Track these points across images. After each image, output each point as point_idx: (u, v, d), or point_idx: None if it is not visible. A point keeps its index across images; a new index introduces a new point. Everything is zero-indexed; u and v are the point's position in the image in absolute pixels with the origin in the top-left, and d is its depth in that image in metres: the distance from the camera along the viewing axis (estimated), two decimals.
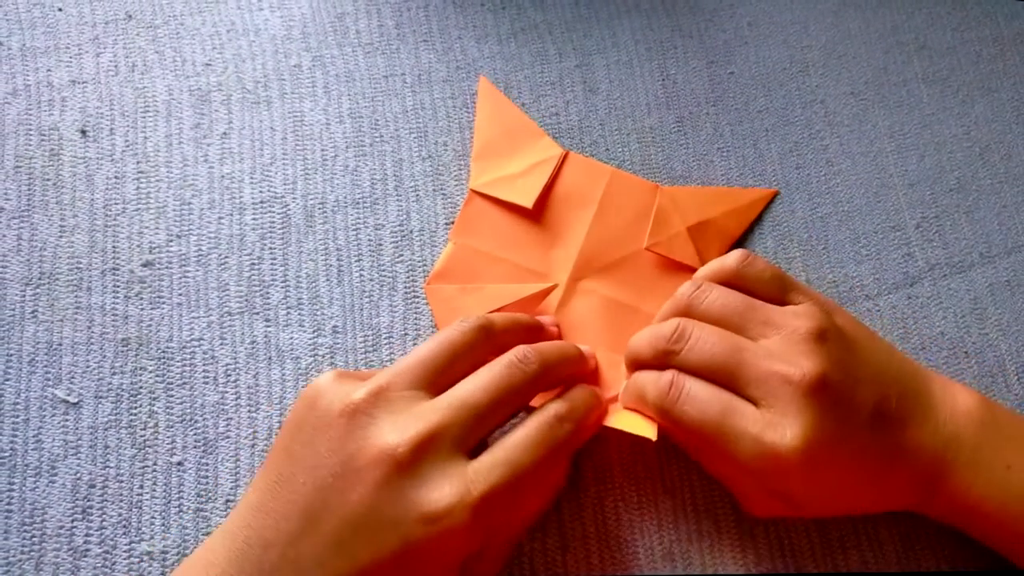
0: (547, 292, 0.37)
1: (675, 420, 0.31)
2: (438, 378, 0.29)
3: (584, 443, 0.33)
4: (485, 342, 0.31)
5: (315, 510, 0.27)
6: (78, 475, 0.33)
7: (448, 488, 0.26)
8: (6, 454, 0.33)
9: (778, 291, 0.34)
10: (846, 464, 0.30)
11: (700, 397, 0.31)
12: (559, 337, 0.36)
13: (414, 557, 0.26)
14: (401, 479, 0.26)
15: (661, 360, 0.32)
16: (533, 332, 0.34)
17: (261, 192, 0.38)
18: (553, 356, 0.31)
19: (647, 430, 0.32)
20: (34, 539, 0.32)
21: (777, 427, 0.29)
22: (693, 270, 0.37)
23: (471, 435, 0.28)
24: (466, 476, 0.27)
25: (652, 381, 0.32)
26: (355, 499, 0.26)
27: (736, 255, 0.34)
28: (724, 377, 0.31)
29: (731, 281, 0.34)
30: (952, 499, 0.31)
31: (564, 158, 0.40)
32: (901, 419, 0.31)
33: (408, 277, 0.38)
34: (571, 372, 0.33)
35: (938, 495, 0.31)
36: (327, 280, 0.37)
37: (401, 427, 0.27)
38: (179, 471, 0.34)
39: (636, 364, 0.34)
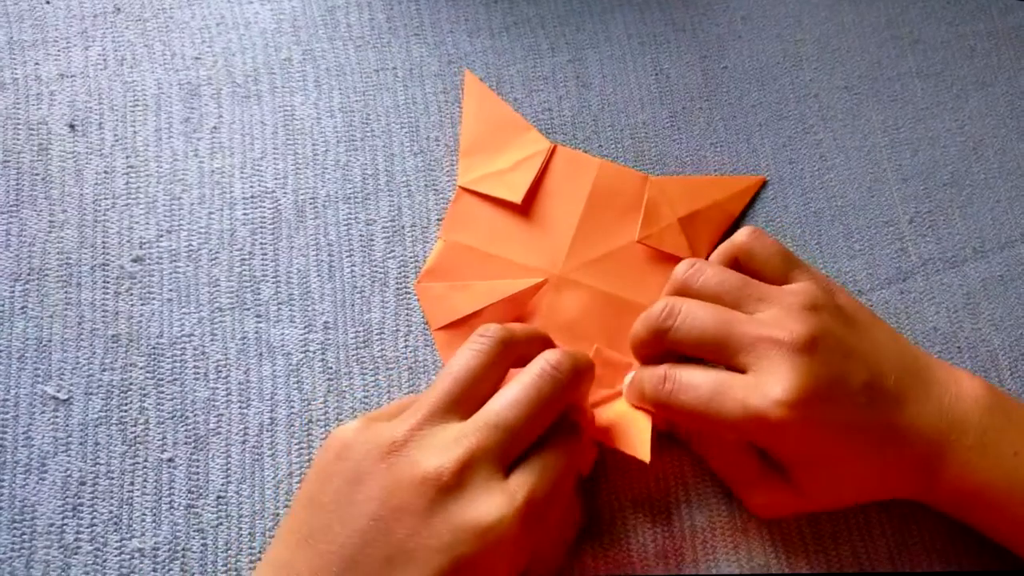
0: (538, 287, 0.37)
1: (673, 410, 0.32)
2: (467, 401, 0.29)
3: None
4: (507, 355, 0.30)
5: (355, 555, 0.26)
6: (68, 472, 0.33)
7: (493, 502, 0.26)
8: None
9: (782, 268, 0.34)
10: (836, 430, 0.30)
11: (692, 383, 0.31)
12: None
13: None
14: (446, 501, 0.26)
15: (655, 339, 0.33)
16: (548, 345, 0.33)
17: (252, 187, 0.38)
18: (583, 362, 0.31)
19: (641, 451, 0.32)
20: (24, 536, 0.32)
21: (763, 386, 0.29)
22: None
23: (508, 452, 0.28)
24: (508, 488, 0.27)
25: (647, 377, 0.32)
26: (401, 532, 0.26)
27: (745, 231, 0.35)
28: (714, 348, 0.31)
29: (739, 256, 0.35)
30: (956, 484, 0.31)
31: (552, 152, 0.40)
32: (899, 397, 0.31)
33: (400, 273, 0.38)
34: (588, 387, 0.33)
35: (941, 479, 0.31)
36: (318, 276, 0.37)
37: (440, 454, 0.27)
38: (170, 468, 0.34)
39: (636, 345, 0.34)
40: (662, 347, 0.33)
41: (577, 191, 0.39)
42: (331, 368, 0.36)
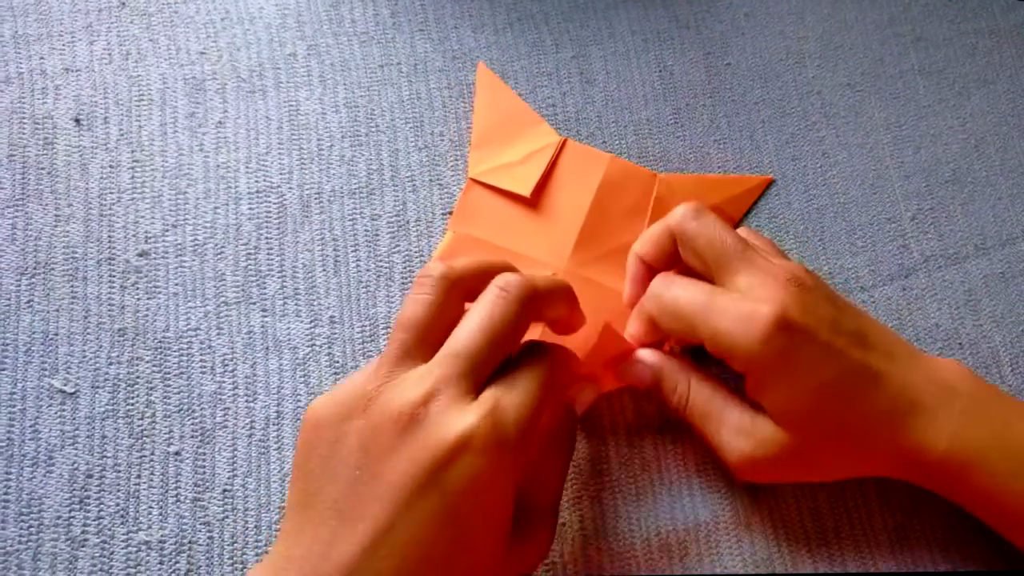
0: None
1: (666, 305, 0.32)
2: (425, 344, 0.29)
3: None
4: (453, 291, 0.30)
5: (349, 506, 0.26)
6: (75, 465, 0.33)
7: (461, 417, 0.26)
8: (3, 444, 0.33)
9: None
10: (823, 353, 0.30)
11: (690, 285, 0.32)
12: None
13: (456, 507, 0.26)
14: (417, 429, 0.26)
15: (669, 245, 0.34)
16: (502, 270, 0.33)
17: (257, 182, 0.38)
18: (540, 280, 0.31)
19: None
20: (32, 529, 0.32)
21: (757, 301, 0.31)
22: None
23: (473, 377, 0.28)
24: (476, 405, 0.27)
25: (649, 287, 0.34)
26: (385, 470, 0.26)
27: (740, 231, 0.36)
28: (720, 261, 0.32)
29: None
30: (949, 451, 0.30)
31: (562, 145, 0.40)
32: (887, 353, 0.32)
33: (405, 267, 0.38)
34: (564, 307, 0.32)
35: (933, 445, 0.30)
36: (324, 270, 0.37)
37: (409, 392, 0.27)
38: (176, 461, 0.34)
39: (648, 243, 0.35)
40: (672, 248, 0.34)
41: (586, 185, 0.39)
42: (337, 362, 0.36)
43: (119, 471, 0.33)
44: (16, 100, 0.38)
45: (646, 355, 0.35)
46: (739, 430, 0.32)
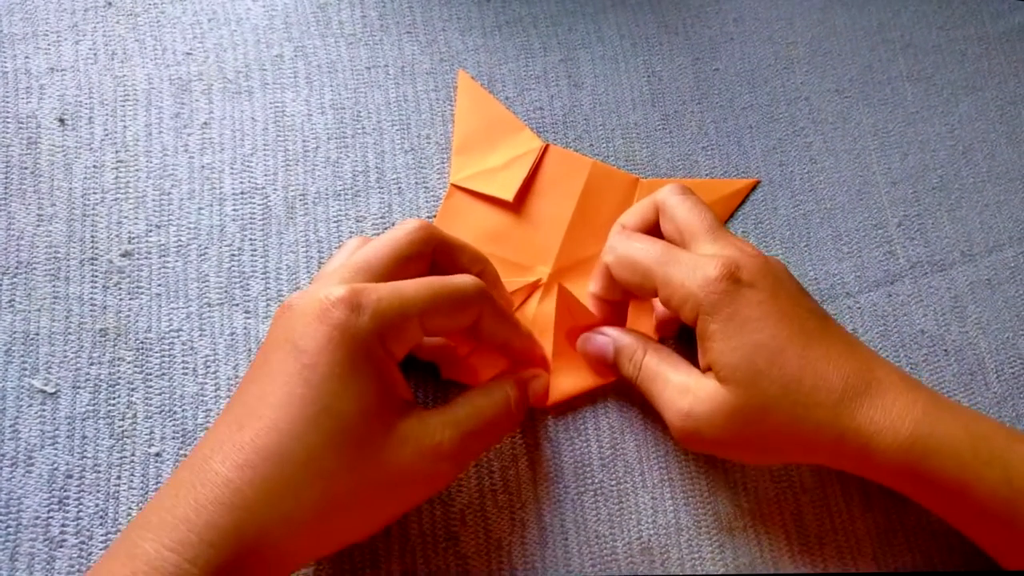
0: (534, 286, 0.37)
1: (623, 257, 0.33)
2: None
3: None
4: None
5: (245, 396, 0.28)
6: (55, 465, 0.33)
7: (323, 292, 0.28)
8: None
9: None
10: (771, 318, 0.30)
11: (647, 240, 0.33)
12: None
13: (312, 366, 0.27)
14: (285, 315, 0.28)
15: (651, 208, 0.35)
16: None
17: (242, 183, 0.38)
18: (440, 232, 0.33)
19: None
20: (9, 529, 0.32)
21: (712, 257, 0.31)
22: None
23: (356, 280, 0.30)
24: (347, 286, 0.28)
25: (609, 237, 0.35)
26: (262, 358, 0.28)
27: None
28: (690, 239, 0.33)
29: None
30: (912, 437, 0.29)
31: (544, 151, 0.40)
32: (845, 341, 0.31)
33: None
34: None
35: (895, 431, 0.29)
36: (308, 272, 0.37)
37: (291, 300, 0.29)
38: (157, 462, 0.34)
39: (627, 218, 0.36)
40: (654, 220, 0.35)
41: (569, 190, 0.39)
42: None
43: (99, 472, 0.33)
44: (0, 99, 0.38)
45: (606, 328, 0.36)
46: (682, 387, 0.32)
